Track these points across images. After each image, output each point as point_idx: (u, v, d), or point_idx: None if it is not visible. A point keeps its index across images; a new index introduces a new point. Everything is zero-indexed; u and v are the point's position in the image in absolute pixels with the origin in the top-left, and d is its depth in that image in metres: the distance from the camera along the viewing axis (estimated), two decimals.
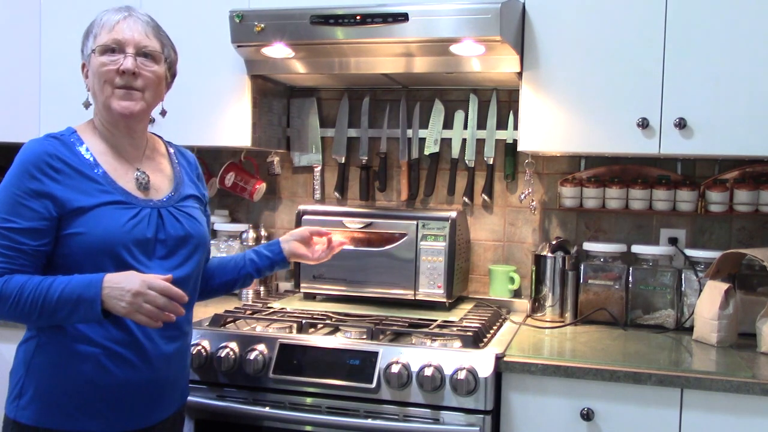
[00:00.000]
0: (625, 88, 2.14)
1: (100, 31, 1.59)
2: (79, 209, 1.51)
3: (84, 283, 1.45)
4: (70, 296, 1.45)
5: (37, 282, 1.46)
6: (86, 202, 1.52)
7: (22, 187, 1.49)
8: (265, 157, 2.77)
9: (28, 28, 2.61)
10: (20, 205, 1.48)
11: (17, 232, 1.47)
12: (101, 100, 1.60)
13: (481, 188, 2.62)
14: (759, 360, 1.99)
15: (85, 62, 1.63)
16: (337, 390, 1.94)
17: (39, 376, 1.53)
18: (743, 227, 2.45)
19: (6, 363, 1.59)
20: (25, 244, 1.48)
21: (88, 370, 1.52)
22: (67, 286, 1.45)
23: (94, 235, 1.50)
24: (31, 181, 1.49)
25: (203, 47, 2.43)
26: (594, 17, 2.15)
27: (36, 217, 1.48)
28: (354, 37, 2.15)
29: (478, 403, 1.87)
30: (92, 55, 1.59)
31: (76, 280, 1.46)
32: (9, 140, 2.64)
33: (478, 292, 2.65)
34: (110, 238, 1.51)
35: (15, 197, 1.48)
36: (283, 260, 1.91)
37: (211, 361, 2.01)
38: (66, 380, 1.52)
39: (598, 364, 1.88)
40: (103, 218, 1.52)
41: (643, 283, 2.37)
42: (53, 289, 1.45)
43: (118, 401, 1.55)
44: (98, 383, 1.53)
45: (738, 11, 2.05)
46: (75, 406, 1.52)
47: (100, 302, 1.44)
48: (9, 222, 1.48)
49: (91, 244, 1.50)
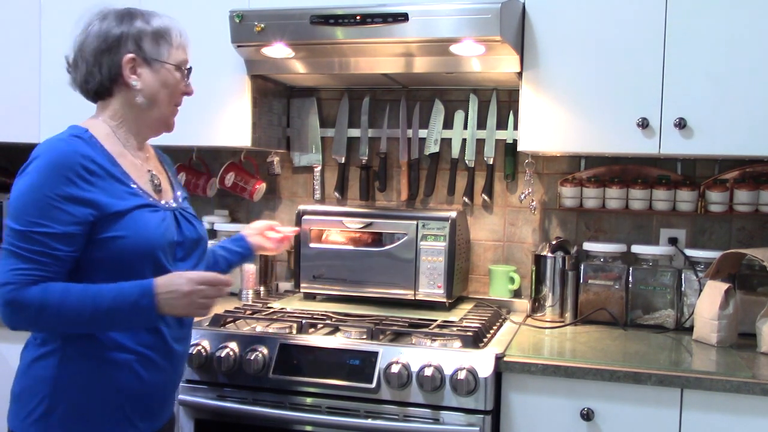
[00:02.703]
0: (625, 88, 2.14)
1: (178, 46, 1.61)
2: (117, 213, 1.47)
3: (137, 291, 1.43)
4: (122, 305, 1.42)
5: (81, 290, 1.42)
6: (121, 205, 1.48)
7: (56, 190, 1.41)
8: (265, 157, 2.77)
9: (28, 28, 2.61)
10: (55, 209, 1.41)
11: (52, 237, 1.41)
12: (162, 112, 1.60)
13: (481, 188, 2.62)
14: (759, 360, 1.99)
15: (141, 60, 1.56)
16: (337, 390, 1.94)
17: (70, 391, 1.47)
18: (743, 227, 2.45)
19: (6, 363, 1.57)
20: (60, 250, 1.42)
21: (120, 378, 1.50)
22: (119, 294, 1.42)
23: (136, 239, 1.48)
24: (68, 184, 1.42)
25: (203, 47, 2.42)
26: (594, 17, 2.15)
27: (72, 221, 1.42)
28: (354, 37, 2.15)
29: (478, 403, 1.87)
30: (168, 65, 1.58)
31: (126, 288, 1.44)
32: (9, 140, 2.65)
33: (478, 292, 2.65)
34: (152, 242, 1.50)
35: (48, 200, 1.41)
36: (252, 254, 2.03)
37: (211, 361, 2.01)
38: (99, 390, 1.49)
39: (598, 364, 1.88)
40: (141, 222, 1.50)
41: (643, 283, 2.37)
42: (102, 297, 1.42)
43: (144, 404, 1.55)
44: (129, 389, 1.51)
45: (738, 11, 2.05)
46: (107, 413, 1.49)
47: (156, 308, 1.44)
48: (43, 227, 1.40)
49: (133, 248, 1.48)
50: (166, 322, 1.55)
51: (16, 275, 1.40)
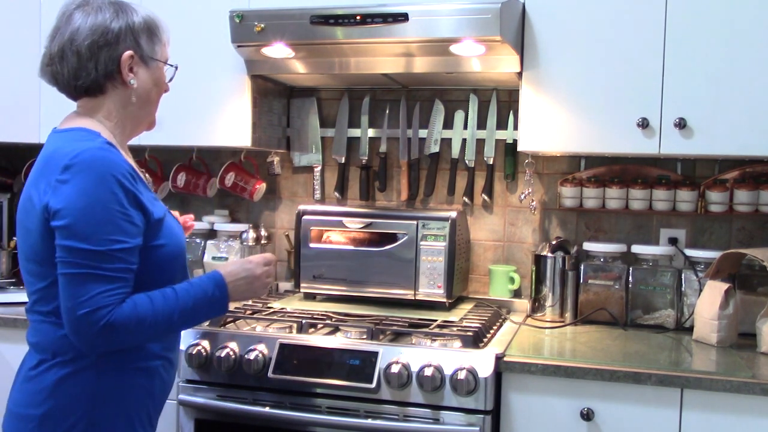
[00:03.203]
0: (625, 88, 2.14)
1: (166, 43, 1.58)
2: (158, 220, 1.46)
3: (211, 285, 1.49)
4: (202, 300, 1.47)
5: (162, 297, 1.42)
6: (158, 212, 1.47)
7: (117, 202, 1.36)
8: (265, 157, 2.77)
9: (28, 28, 2.61)
10: (125, 223, 1.37)
11: (129, 252, 1.38)
12: (149, 110, 1.57)
13: (481, 188, 2.62)
14: (759, 360, 1.99)
15: (138, 57, 1.51)
16: (337, 390, 1.94)
17: (109, 405, 1.44)
18: (743, 227, 2.45)
19: (6, 363, 1.56)
20: (134, 263, 1.40)
21: (150, 384, 1.50)
22: (197, 292, 1.47)
23: (174, 245, 1.49)
24: (126, 194, 1.38)
25: (203, 47, 2.43)
26: (594, 17, 2.15)
27: (138, 232, 1.40)
28: (354, 37, 2.15)
29: (478, 403, 1.87)
30: (160, 63, 1.56)
31: (198, 284, 1.48)
32: (9, 140, 2.65)
33: (478, 292, 2.65)
34: (182, 247, 1.54)
35: (116, 214, 1.36)
36: None
37: (211, 361, 2.01)
38: (134, 400, 1.47)
39: (598, 364, 1.88)
40: (172, 227, 1.51)
41: (643, 283, 2.37)
42: (183, 299, 1.44)
43: (161, 405, 1.57)
44: (155, 393, 1.52)
45: (738, 11, 2.05)
46: (138, 420, 1.50)
47: (228, 297, 1.52)
48: (117, 243, 1.35)
49: (172, 254, 1.49)
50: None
51: (108, 297, 1.35)
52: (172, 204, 2.81)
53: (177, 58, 1.68)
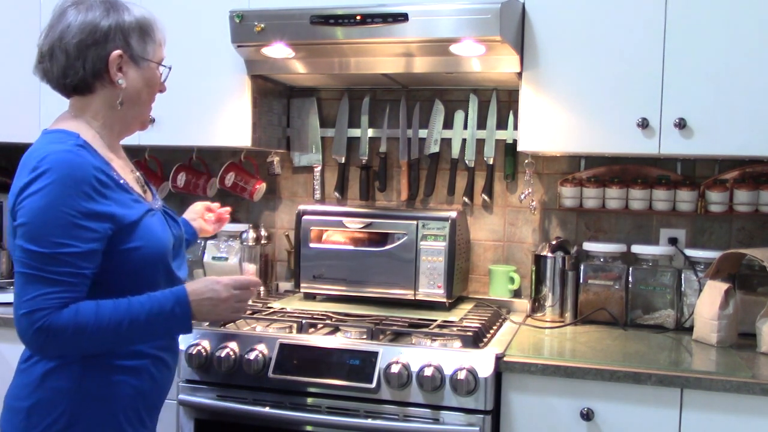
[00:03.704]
0: (625, 88, 2.14)
1: (160, 43, 1.54)
2: (132, 223, 1.43)
3: (171, 300, 1.42)
4: (158, 316, 1.40)
5: (112, 307, 1.38)
6: (133, 215, 1.44)
7: (75, 206, 1.35)
8: (265, 157, 2.77)
9: (28, 28, 2.61)
10: (77, 227, 1.34)
11: (79, 257, 1.35)
12: (141, 111, 1.54)
13: (481, 188, 2.62)
14: (759, 360, 1.99)
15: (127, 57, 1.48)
16: (337, 390, 1.94)
17: (92, 401, 1.43)
18: (743, 227, 2.45)
19: (6, 363, 1.56)
20: (86, 268, 1.36)
21: (139, 382, 1.48)
22: (153, 306, 1.40)
23: (150, 248, 1.45)
24: (87, 199, 1.36)
25: (203, 47, 2.43)
26: (594, 17, 2.15)
27: (95, 238, 1.37)
28: (354, 37, 2.15)
29: (478, 403, 1.87)
30: (152, 64, 1.52)
31: (159, 298, 1.42)
32: (9, 140, 2.65)
33: (478, 292, 2.65)
34: (162, 248, 1.49)
35: (69, 218, 1.34)
36: (196, 239, 2.04)
37: (211, 361, 2.01)
38: (120, 397, 1.46)
39: (598, 364, 1.88)
40: (151, 229, 1.47)
41: (643, 283, 2.37)
42: (136, 311, 1.39)
43: (155, 406, 1.56)
44: (146, 392, 1.50)
45: (738, 11, 2.05)
46: (126, 419, 1.48)
47: (190, 316, 1.43)
48: (68, 246, 1.34)
49: (149, 257, 1.45)
50: None
51: (47, 300, 1.33)
52: (172, 204, 2.81)
53: (177, 58, 1.68)
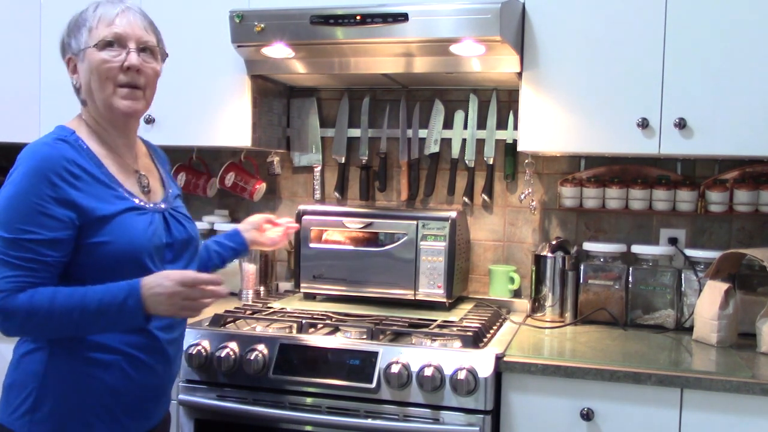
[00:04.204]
0: (625, 88, 2.14)
1: (96, 25, 1.51)
2: (102, 218, 1.44)
3: (124, 292, 1.41)
4: (110, 306, 1.40)
5: (68, 294, 1.40)
6: (107, 209, 1.46)
7: (40, 195, 1.40)
8: (265, 157, 2.77)
9: (28, 28, 2.61)
10: (42, 215, 1.39)
11: (40, 244, 1.39)
12: (101, 98, 1.51)
13: (481, 188, 2.62)
14: (759, 360, 1.99)
15: (74, 57, 1.54)
16: (337, 390, 1.94)
17: (57, 388, 1.46)
18: (743, 227, 2.45)
19: (6, 363, 1.57)
20: (49, 256, 1.40)
21: (109, 378, 1.48)
22: (105, 296, 1.40)
23: (121, 244, 1.46)
24: (53, 188, 1.41)
25: (203, 47, 2.43)
26: (594, 17, 2.15)
27: (59, 227, 1.41)
28: (354, 37, 2.15)
29: (478, 403, 1.87)
30: (89, 50, 1.50)
31: (112, 289, 1.41)
32: (9, 140, 2.64)
33: (478, 292, 2.65)
34: (136, 247, 1.48)
35: (34, 206, 1.39)
36: (246, 249, 2.00)
37: (211, 361, 2.01)
38: (88, 390, 1.47)
39: (598, 364, 1.88)
40: (127, 226, 1.47)
41: (643, 283, 2.37)
42: (89, 300, 1.40)
43: (135, 405, 1.54)
44: (119, 390, 1.50)
45: (738, 11, 2.05)
46: (95, 414, 1.48)
47: (143, 309, 1.41)
48: (28, 233, 1.39)
49: (118, 253, 1.46)
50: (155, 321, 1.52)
51: (6, 283, 1.39)
52: None
53: (178, 58, 1.68)
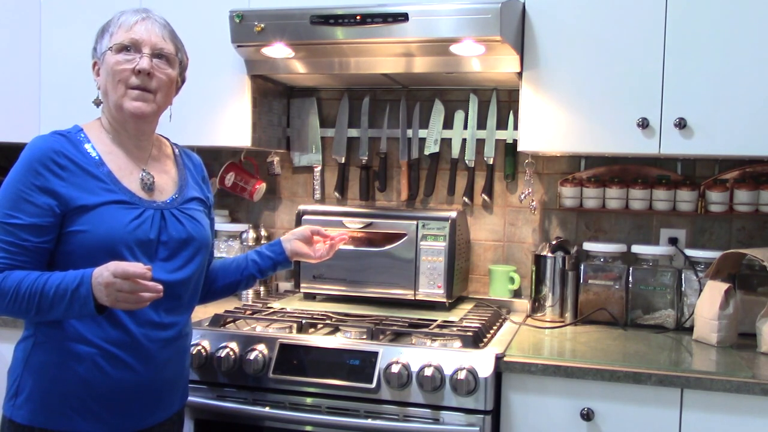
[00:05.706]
0: (625, 88, 2.14)
1: (116, 30, 1.59)
2: (82, 207, 1.50)
3: (78, 280, 1.44)
4: (64, 293, 1.44)
5: (34, 278, 1.46)
6: (90, 200, 1.51)
7: (26, 183, 1.49)
8: (265, 157, 2.77)
9: (28, 28, 2.61)
10: (24, 201, 1.48)
11: (20, 228, 1.48)
12: (113, 99, 1.59)
13: (481, 188, 2.62)
14: (759, 360, 1.99)
15: (98, 60, 1.62)
16: (337, 390, 1.94)
17: (35, 375, 1.53)
18: (743, 227, 2.45)
19: (6, 363, 1.58)
20: (27, 241, 1.48)
21: (83, 371, 1.51)
22: (62, 282, 1.44)
23: (96, 234, 1.50)
24: (36, 177, 1.49)
25: (203, 47, 2.43)
26: (594, 17, 2.15)
27: (39, 213, 1.48)
28: (354, 37, 2.15)
29: (478, 403, 1.87)
30: (107, 53, 1.58)
31: (69, 276, 1.45)
32: (9, 140, 2.65)
33: (478, 292, 2.65)
34: (112, 238, 1.51)
35: (19, 193, 1.49)
36: (286, 260, 1.88)
37: (211, 361, 2.01)
38: (61, 380, 1.51)
39: (598, 364, 1.88)
40: (106, 217, 1.52)
41: (643, 283, 2.37)
42: (48, 285, 1.45)
43: (114, 402, 1.55)
44: (93, 384, 1.52)
45: (738, 11, 2.05)
46: (70, 406, 1.52)
47: (93, 298, 1.42)
48: (12, 218, 1.48)
49: (93, 243, 1.50)
50: (137, 319, 1.54)
51: None
52: None
53: None
